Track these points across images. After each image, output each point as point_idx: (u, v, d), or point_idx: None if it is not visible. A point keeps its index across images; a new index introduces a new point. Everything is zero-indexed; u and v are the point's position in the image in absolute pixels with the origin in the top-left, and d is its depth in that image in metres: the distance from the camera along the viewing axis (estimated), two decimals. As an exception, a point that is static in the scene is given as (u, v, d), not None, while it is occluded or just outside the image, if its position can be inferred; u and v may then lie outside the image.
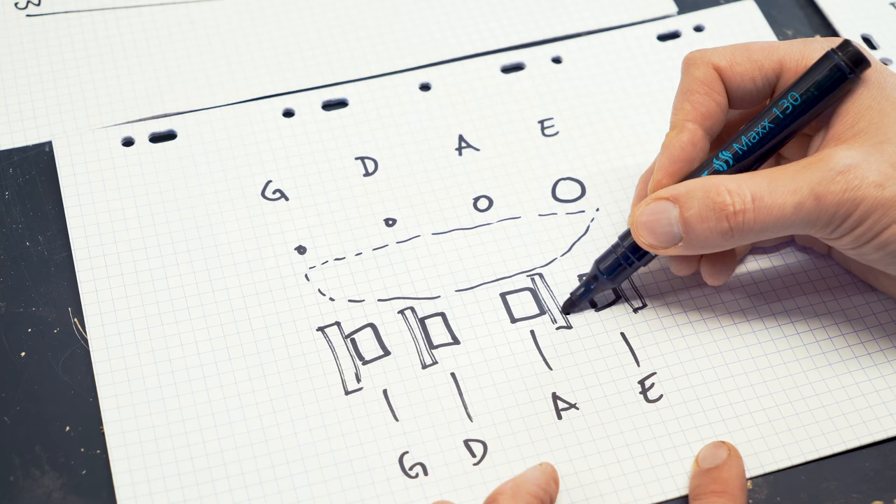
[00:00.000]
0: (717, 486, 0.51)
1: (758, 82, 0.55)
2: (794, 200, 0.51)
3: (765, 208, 0.51)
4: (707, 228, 0.52)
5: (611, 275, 0.57)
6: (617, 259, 0.56)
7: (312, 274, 0.59)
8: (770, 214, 0.51)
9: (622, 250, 0.56)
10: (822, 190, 0.50)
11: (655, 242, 0.54)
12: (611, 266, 0.57)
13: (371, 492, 0.52)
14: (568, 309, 0.58)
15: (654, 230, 0.53)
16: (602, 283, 0.57)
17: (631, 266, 0.56)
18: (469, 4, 0.71)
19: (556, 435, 0.54)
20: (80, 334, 0.57)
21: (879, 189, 0.50)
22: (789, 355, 0.57)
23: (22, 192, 0.62)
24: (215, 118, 0.65)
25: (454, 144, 0.65)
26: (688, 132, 0.54)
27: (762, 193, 0.51)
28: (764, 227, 0.51)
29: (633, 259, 0.56)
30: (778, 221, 0.51)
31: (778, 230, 0.52)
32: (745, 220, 0.51)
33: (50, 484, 0.53)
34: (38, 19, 0.70)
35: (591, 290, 0.58)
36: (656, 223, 0.53)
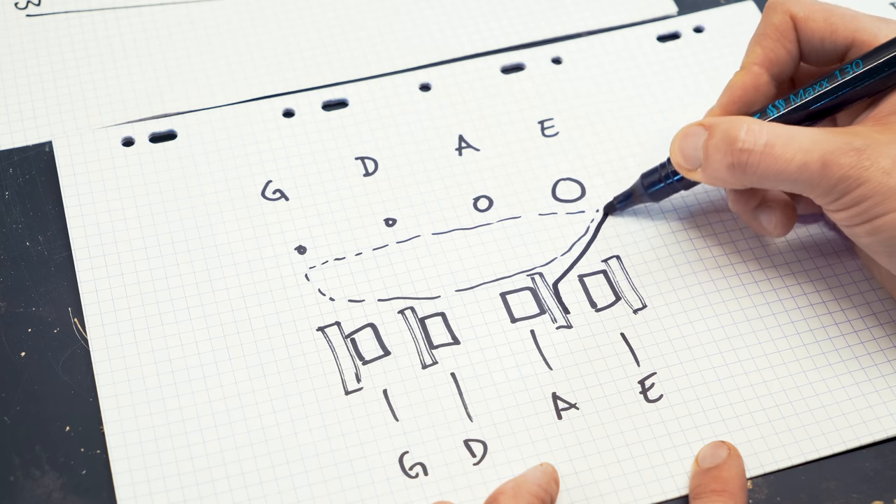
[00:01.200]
0: (717, 485, 0.51)
1: (826, 44, 0.56)
2: (801, 159, 0.51)
3: (772, 156, 0.52)
4: (718, 159, 0.53)
5: (650, 190, 0.60)
6: (660, 177, 0.59)
7: (312, 274, 0.59)
8: (774, 164, 0.52)
9: (666, 171, 0.59)
10: (831, 159, 0.51)
11: (681, 161, 0.56)
12: (653, 182, 0.60)
13: (371, 492, 0.52)
14: (608, 211, 0.61)
15: (684, 150, 0.55)
16: (642, 196, 0.60)
17: (670, 186, 0.59)
18: (469, 4, 0.71)
19: (556, 435, 0.54)
20: (80, 334, 0.57)
21: (886, 176, 0.50)
22: (789, 355, 0.57)
23: (22, 192, 0.62)
24: (215, 118, 0.65)
25: (454, 144, 0.65)
26: (752, 75, 0.56)
27: (777, 142, 0.52)
28: (766, 174, 0.52)
29: (674, 181, 0.59)
30: (780, 174, 0.52)
31: (781, 182, 0.52)
32: (749, 161, 0.52)
33: (50, 484, 0.53)
34: (38, 19, 0.70)
35: (630, 197, 0.61)
36: (686, 144, 0.55)
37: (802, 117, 0.55)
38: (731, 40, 0.69)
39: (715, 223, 0.61)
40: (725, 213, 0.62)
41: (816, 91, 0.54)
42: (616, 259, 0.60)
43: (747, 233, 0.61)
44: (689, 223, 0.61)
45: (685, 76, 0.68)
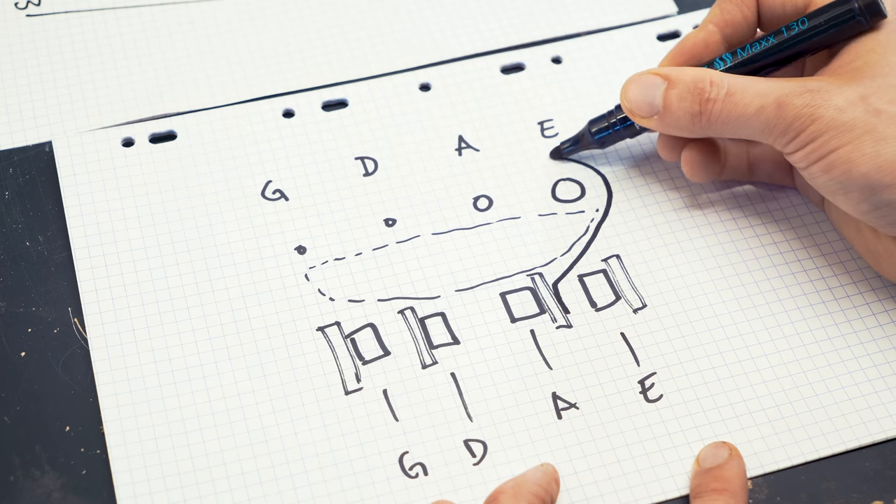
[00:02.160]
0: (718, 485, 0.51)
1: (787, 7, 0.58)
2: (758, 103, 0.54)
3: (732, 103, 0.55)
4: (682, 108, 0.56)
5: (598, 136, 0.62)
6: (608, 125, 0.62)
7: (312, 274, 0.59)
8: (734, 110, 0.55)
9: (614, 118, 0.61)
10: (786, 100, 0.54)
11: (635, 110, 0.58)
12: (601, 129, 0.62)
13: (371, 492, 0.52)
14: (554, 156, 0.64)
15: (638, 98, 0.57)
16: (588, 142, 0.63)
17: (617, 133, 0.62)
18: (469, 4, 0.71)
19: (556, 435, 0.54)
20: (80, 334, 0.57)
21: (838, 112, 0.53)
22: (789, 355, 0.57)
23: (22, 192, 0.62)
24: (215, 118, 0.65)
25: (454, 144, 0.65)
26: (705, 32, 0.59)
27: (736, 90, 0.55)
28: (727, 120, 0.55)
29: (621, 128, 0.61)
30: (739, 118, 0.55)
31: (740, 128, 0.55)
32: (713, 109, 0.55)
33: (50, 484, 0.53)
34: (38, 19, 0.70)
35: (578, 144, 0.63)
36: (642, 93, 0.57)
37: (748, 71, 0.57)
38: (731, 40, 0.69)
39: (715, 223, 0.61)
40: (726, 213, 0.62)
41: (762, 46, 0.57)
42: (616, 259, 0.60)
43: (748, 233, 0.61)
44: (690, 223, 0.61)
45: (685, 76, 0.68)
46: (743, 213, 0.62)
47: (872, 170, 0.52)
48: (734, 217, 0.61)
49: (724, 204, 0.62)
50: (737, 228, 0.61)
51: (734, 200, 0.62)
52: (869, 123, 0.52)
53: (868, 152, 0.52)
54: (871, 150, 0.52)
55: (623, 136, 0.62)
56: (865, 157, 0.52)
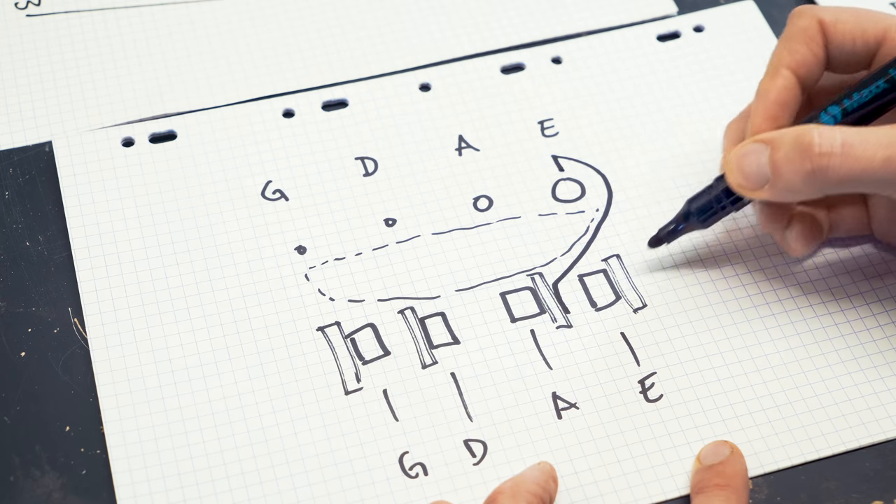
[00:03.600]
0: (720, 480, 0.51)
1: (857, 44, 0.55)
2: (884, 154, 0.50)
3: (853, 156, 0.50)
4: (792, 170, 0.51)
5: (702, 215, 0.57)
6: (710, 200, 0.57)
7: (312, 274, 0.59)
8: (857, 163, 0.50)
9: (716, 192, 0.56)
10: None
11: (745, 182, 0.53)
12: (703, 206, 0.57)
13: (371, 492, 0.52)
14: (654, 244, 0.59)
15: (745, 170, 0.53)
16: (693, 223, 0.58)
17: (723, 209, 0.57)
18: (469, 4, 0.71)
19: (556, 435, 0.54)
20: (80, 334, 0.57)
21: None
22: (789, 356, 0.57)
23: (22, 192, 0.62)
24: (215, 118, 0.65)
25: (454, 144, 0.65)
26: (782, 77, 0.55)
27: (854, 142, 0.50)
28: (850, 174, 0.51)
29: (726, 202, 0.56)
30: (865, 172, 0.50)
31: (863, 182, 0.51)
32: (830, 164, 0.51)
33: (50, 484, 0.53)
34: (38, 19, 0.70)
35: (681, 229, 0.58)
36: (748, 163, 0.53)
37: (856, 121, 0.54)
38: (731, 40, 0.69)
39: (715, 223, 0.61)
40: (725, 213, 0.62)
41: (874, 91, 0.53)
42: (616, 258, 0.60)
43: (747, 233, 0.61)
44: (689, 223, 0.61)
45: (685, 76, 0.68)
46: (743, 212, 0.62)
47: None
48: (734, 217, 0.61)
49: (724, 204, 0.62)
50: (737, 228, 0.61)
51: (734, 200, 0.62)
52: None
53: None
54: None
55: (729, 211, 0.57)
56: None
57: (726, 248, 0.60)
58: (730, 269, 0.60)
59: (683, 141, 0.65)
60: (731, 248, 0.60)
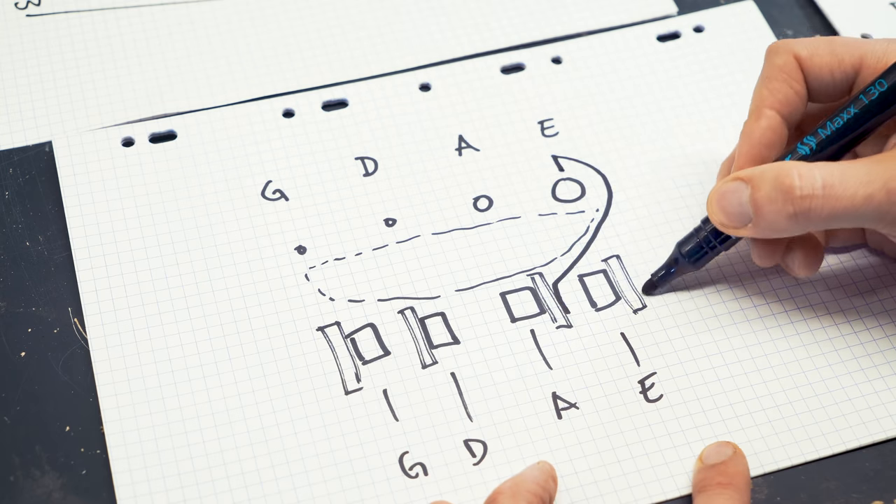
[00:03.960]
0: (722, 479, 0.51)
1: (836, 75, 0.55)
2: (865, 192, 0.50)
3: (834, 196, 0.50)
4: (774, 210, 0.51)
5: (692, 258, 0.57)
6: (699, 242, 0.57)
7: (312, 274, 0.59)
8: (839, 203, 0.50)
9: (704, 234, 0.57)
10: (894, 185, 0.50)
11: (727, 221, 0.53)
12: (692, 249, 0.57)
13: (371, 492, 0.52)
14: (648, 290, 0.59)
15: (727, 209, 0.53)
16: (683, 265, 0.58)
17: (713, 250, 0.57)
18: (469, 4, 0.71)
19: (556, 435, 0.54)
20: (80, 334, 0.57)
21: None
22: (789, 355, 0.57)
23: (22, 192, 0.62)
24: (215, 118, 0.65)
25: (454, 144, 0.65)
26: (766, 118, 0.55)
27: (833, 181, 0.50)
28: (832, 214, 0.51)
29: (715, 243, 0.56)
30: (847, 211, 0.51)
31: (846, 220, 0.51)
32: (811, 206, 0.51)
33: (50, 484, 0.53)
34: (38, 19, 0.70)
35: (672, 273, 0.58)
36: (728, 202, 0.53)
37: (834, 151, 0.53)
38: (731, 40, 0.69)
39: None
40: (725, 213, 0.62)
41: (846, 118, 0.53)
42: (616, 259, 0.60)
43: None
44: (690, 223, 0.61)
45: (685, 76, 0.68)
46: (743, 213, 0.62)
47: None
48: (734, 217, 0.61)
49: (724, 204, 0.62)
50: (737, 228, 0.61)
51: (734, 200, 0.62)
52: None
53: None
54: None
55: (719, 251, 0.57)
56: None
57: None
58: (730, 269, 0.60)
59: (683, 141, 0.65)
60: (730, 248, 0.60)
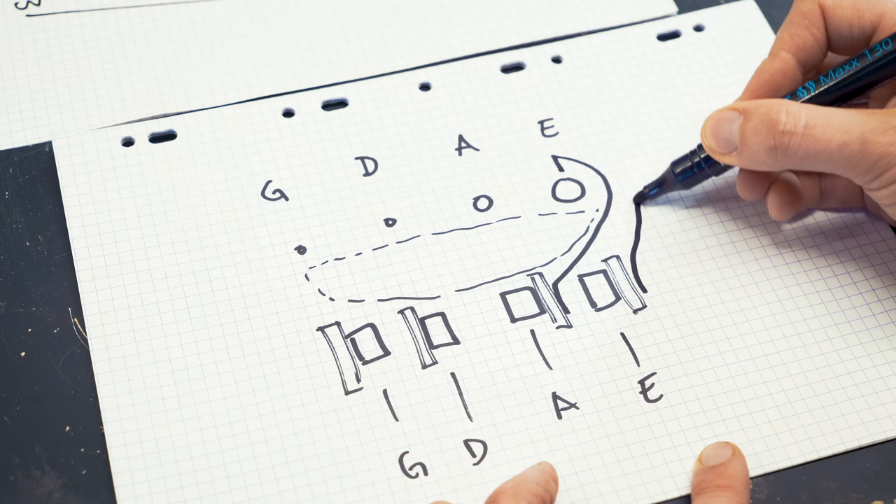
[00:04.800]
0: (721, 481, 0.51)
1: (854, 29, 0.57)
2: (841, 139, 0.52)
3: (812, 137, 0.53)
4: (757, 142, 0.54)
5: (682, 178, 0.60)
6: (691, 165, 0.60)
7: (312, 274, 0.59)
8: (815, 144, 0.53)
9: (697, 158, 0.60)
10: (870, 137, 0.52)
11: (715, 146, 0.56)
12: (684, 170, 0.60)
13: (371, 492, 0.52)
14: (639, 200, 0.62)
15: (716, 135, 0.56)
16: (673, 184, 0.61)
17: (701, 172, 0.60)
18: (469, 4, 0.71)
19: (556, 435, 0.54)
20: (80, 334, 0.57)
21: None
22: (789, 356, 0.57)
23: (22, 192, 0.62)
24: (215, 118, 0.65)
25: (454, 144, 0.65)
26: (780, 60, 0.58)
27: (816, 123, 0.53)
28: (808, 154, 0.53)
29: (705, 167, 0.59)
30: (820, 154, 0.53)
31: (821, 163, 0.53)
32: (790, 143, 0.53)
33: (50, 484, 0.53)
34: (38, 19, 0.70)
35: (662, 186, 0.61)
36: (719, 129, 0.56)
37: (833, 98, 0.56)
38: (731, 39, 0.69)
39: (714, 224, 0.61)
40: (725, 213, 0.62)
41: (847, 71, 0.56)
42: (616, 259, 0.60)
43: (747, 234, 0.61)
44: (689, 224, 0.61)
45: (685, 75, 0.68)
46: (743, 212, 0.62)
47: None
48: (734, 217, 0.62)
49: (724, 204, 0.62)
50: (736, 229, 0.61)
51: (734, 201, 0.62)
52: None
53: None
54: None
55: (708, 175, 0.60)
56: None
57: (726, 250, 0.60)
58: (729, 269, 0.60)
59: (683, 141, 0.65)
60: (731, 249, 0.60)
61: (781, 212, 0.58)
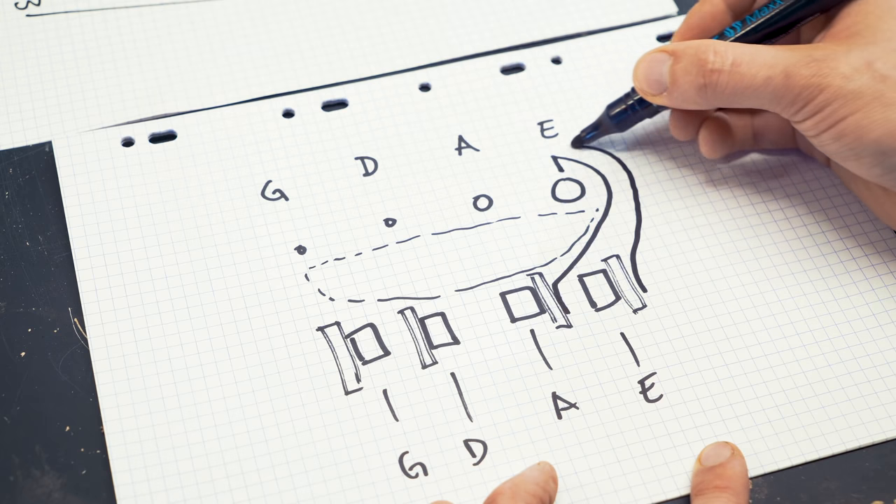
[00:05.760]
0: (720, 482, 0.51)
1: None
2: (766, 73, 0.55)
3: (738, 74, 0.55)
4: (688, 81, 0.57)
5: (617, 121, 0.62)
6: (625, 108, 0.62)
7: (312, 274, 0.59)
8: (742, 81, 0.55)
9: (630, 100, 0.62)
10: (793, 70, 0.54)
11: (646, 87, 0.59)
12: (618, 113, 0.62)
13: (371, 492, 0.52)
14: (576, 144, 0.64)
15: (648, 76, 0.58)
16: (608, 126, 0.63)
17: (635, 114, 0.62)
18: (469, 4, 0.71)
19: (556, 435, 0.54)
20: (80, 334, 0.57)
21: (846, 80, 0.54)
22: (789, 356, 0.57)
23: (22, 192, 0.62)
24: (215, 118, 0.65)
25: (454, 144, 0.65)
26: (709, 4, 0.61)
27: (742, 60, 0.55)
28: (735, 90, 0.56)
29: (639, 108, 0.62)
30: (748, 89, 0.55)
31: (748, 98, 0.56)
32: (719, 80, 0.56)
33: (50, 484, 0.53)
34: (38, 19, 0.70)
35: (598, 130, 0.63)
36: (650, 70, 0.58)
37: (760, 37, 0.58)
38: (731, 40, 0.69)
39: (715, 224, 0.61)
40: (725, 213, 0.62)
41: (771, 10, 0.58)
42: (616, 259, 0.60)
43: (747, 233, 0.61)
44: (690, 223, 0.61)
45: (685, 76, 0.68)
46: (743, 213, 0.62)
47: (884, 135, 0.53)
48: (734, 217, 0.62)
49: (725, 204, 0.62)
50: (737, 229, 0.61)
51: (734, 201, 0.62)
52: (877, 90, 0.53)
53: (878, 118, 0.53)
54: (880, 116, 0.53)
55: (641, 117, 0.62)
56: (876, 123, 0.53)
57: (726, 249, 0.60)
58: (730, 269, 0.60)
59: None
60: (731, 248, 0.60)
61: (713, 149, 0.61)
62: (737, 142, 0.62)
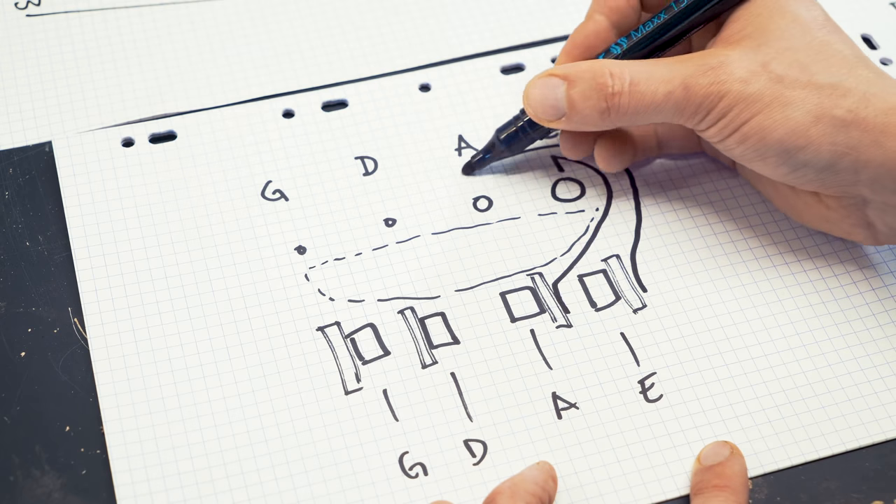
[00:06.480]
0: (719, 481, 0.51)
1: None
2: (665, 89, 0.55)
3: (639, 93, 0.55)
4: (588, 106, 0.56)
5: (508, 144, 0.62)
6: (515, 130, 0.61)
7: (312, 274, 0.59)
8: (643, 99, 0.55)
9: (521, 123, 0.61)
10: (691, 82, 0.55)
11: (541, 115, 0.58)
12: (508, 136, 0.61)
13: (371, 492, 0.52)
14: (466, 171, 0.63)
15: (542, 103, 0.57)
16: (499, 149, 0.62)
17: (527, 136, 0.61)
18: (469, 4, 0.71)
19: (556, 435, 0.54)
20: (80, 334, 0.57)
21: (744, 84, 0.54)
22: (789, 356, 0.57)
23: (22, 192, 0.62)
24: (215, 118, 0.65)
25: (454, 144, 0.65)
26: (593, 22, 0.60)
27: (639, 79, 0.55)
28: (637, 110, 0.55)
29: (530, 131, 0.61)
30: (650, 107, 0.55)
31: (651, 115, 0.56)
32: (620, 102, 0.55)
33: (50, 484, 0.53)
34: (38, 19, 0.70)
35: (489, 156, 0.62)
36: (544, 97, 0.57)
37: (647, 52, 0.58)
38: (731, 40, 0.69)
39: (715, 224, 0.61)
40: (725, 213, 0.62)
41: (655, 23, 0.58)
42: (616, 259, 0.60)
43: (747, 233, 0.61)
44: (690, 223, 0.61)
45: (685, 76, 0.68)
46: (743, 213, 0.62)
47: (786, 135, 0.54)
48: (734, 217, 0.62)
49: (724, 204, 0.62)
50: (737, 229, 0.61)
51: (734, 201, 0.62)
52: (774, 90, 0.54)
53: (778, 118, 0.54)
54: (780, 115, 0.54)
55: (533, 139, 0.61)
56: (777, 123, 0.54)
57: (726, 249, 0.60)
58: (730, 269, 0.60)
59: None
60: (731, 248, 0.60)
61: (610, 164, 0.60)
62: (639, 151, 0.62)
